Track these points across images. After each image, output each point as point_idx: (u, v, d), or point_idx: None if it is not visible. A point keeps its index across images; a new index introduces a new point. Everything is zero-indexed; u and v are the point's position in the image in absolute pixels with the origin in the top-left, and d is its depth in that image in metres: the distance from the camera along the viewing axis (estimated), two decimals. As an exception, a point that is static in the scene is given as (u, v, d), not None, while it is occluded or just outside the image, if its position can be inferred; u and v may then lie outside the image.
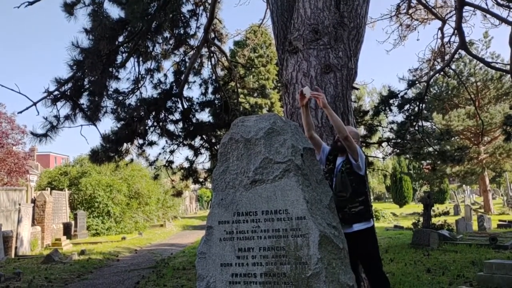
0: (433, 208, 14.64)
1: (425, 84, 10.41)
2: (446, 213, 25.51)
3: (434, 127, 12.67)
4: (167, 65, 9.19)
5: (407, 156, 9.82)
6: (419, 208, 22.30)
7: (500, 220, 18.89)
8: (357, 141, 3.75)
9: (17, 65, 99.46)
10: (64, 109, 6.89)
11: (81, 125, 7.24)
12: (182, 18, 8.48)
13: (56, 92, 6.59)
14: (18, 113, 6.43)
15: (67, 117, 6.88)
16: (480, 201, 32.77)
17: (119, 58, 7.54)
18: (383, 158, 11.52)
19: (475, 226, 17.03)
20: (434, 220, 14.61)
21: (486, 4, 12.58)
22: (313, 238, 2.38)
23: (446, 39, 10.61)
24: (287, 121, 2.70)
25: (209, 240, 2.62)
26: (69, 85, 6.77)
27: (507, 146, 22.72)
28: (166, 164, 10.00)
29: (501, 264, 6.92)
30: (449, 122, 23.86)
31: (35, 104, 6.19)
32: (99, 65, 6.31)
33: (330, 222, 2.55)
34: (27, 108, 6.16)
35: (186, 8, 8.55)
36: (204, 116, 17.28)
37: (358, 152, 3.58)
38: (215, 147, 9.41)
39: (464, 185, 40.92)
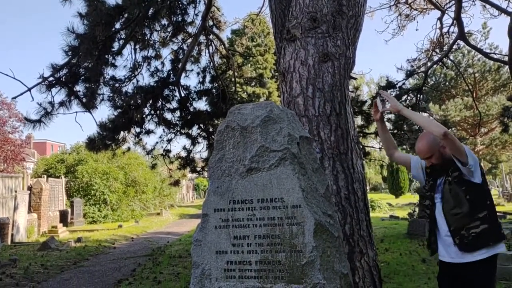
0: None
1: (423, 75, 10.40)
2: (442, 204, 25.44)
3: (431, 117, 12.66)
4: (165, 53, 9.11)
5: (404, 146, 9.82)
6: (415, 198, 22.43)
7: (495, 211, 18.98)
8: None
9: (12, 50, 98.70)
10: (59, 95, 6.86)
11: (76, 112, 7.21)
12: (180, 5, 8.38)
13: (51, 78, 6.53)
14: (13, 98, 6.39)
15: (62, 104, 6.84)
16: (475, 192, 32.91)
17: (116, 45, 7.47)
18: (380, 148, 11.53)
19: (470, 217, 17.11)
20: (429, 210, 14.67)
21: (486, -5, 12.50)
22: (308, 226, 2.38)
23: (445, 29, 10.57)
24: (284, 109, 2.68)
25: (204, 228, 2.62)
26: (64, 71, 6.71)
27: (503, 137, 22.79)
28: (164, 153, 9.98)
29: (495, 255, 6.96)
30: (446, 112, 23.89)
31: (29, 89, 6.14)
32: (95, 51, 6.25)
33: (325, 210, 2.54)
34: (21, 94, 6.12)
35: (184, -5, 8.47)
36: (202, 105, 17.17)
37: (467, 153, 2.79)
38: (213, 136, 9.38)
39: (460, 176, 41.09)
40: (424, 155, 2.99)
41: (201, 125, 9.62)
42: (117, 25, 6.95)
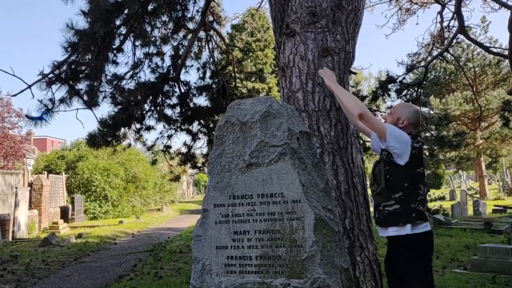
0: (429, 193, 14.71)
1: (424, 69, 10.38)
2: (442, 198, 25.64)
3: (431, 112, 12.66)
4: (165, 49, 9.09)
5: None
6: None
7: (495, 205, 19.03)
8: (409, 124, 3.04)
9: (11, 47, 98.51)
10: (59, 92, 6.84)
11: (77, 109, 7.18)
12: (180, 0, 8.36)
13: (51, 75, 6.52)
14: (13, 96, 6.40)
15: (62, 101, 6.82)
16: (476, 187, 32.97)
17: (117, 42, 7.46)
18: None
19: (470, 211, 17.16)
20: (430, 205, 14.69)
21: (486, -12, 12.45)
22: (309, 221, 2.39)
23: (445, 24, 10.54)
24: (283, 104, 2.68)
25: (204, 223, 2.63)
26: (64, 67, 6.70)
27: (502, 131, 22.77)
28: (164, 149, 9.99)
29: (495, 248, 7.00)
30: (446, 106, 23.86)
31: (30, 87, 6.13)
32: (94, 47, 6.24)
33: (325, 205, 2.55)
34: (22, 91, 6.11)
35: (183, -10, 8.44)
36: (202, 100, 17.21)
37: (389, 132, 2.85)
38: (213, 132, 9.38)
39: (460, 171, 41.12)
40: None
41: (202, 121, 9.62)
42: (117, 22, 6.94)
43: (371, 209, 3.36)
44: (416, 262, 2.86)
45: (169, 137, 9.71)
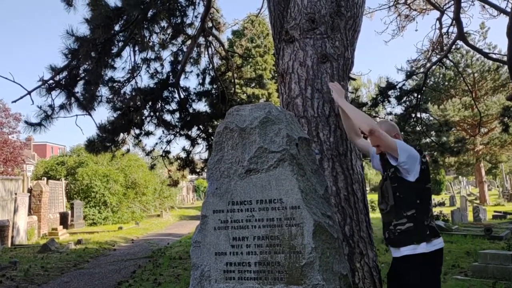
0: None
1: (423, 76, 10.40)
2: (442, 204, 25.62)
3: (431, 118, 12.66)
4: (164, 54, 9.12)
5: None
6: (415, 199, 22.43)
7: (495, 211, 19.01)
8: (397, 135, 3.05)
9: (11, 54, 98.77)
10: (59, 98, 6.85)
11: (76, 115, 7.18)
12: (179, 6, 8.39)
13: (51, 81, 6.53)
14: (13, 102, 6.39)
15: (62, 107, 6.83)
16: (476, 192, 32.94)
17: (115, 48, 7.48)
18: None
19: (470, 217, 17.14)
20: (430, 211, 14.65)
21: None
22: (308, 227, 2.38)
23: (444, 30, 10.57)
24: (282, 110, 2.69)
25: (203, 229, 2.62)
26: (64, 74, 6.71)
27: (502, 137, 22.80)
28: (163, 154, 9.98)
29: (495, 255, 6.99)
30: (444, 112, 23.91)
31: (29, 93, 6.13)
32: (95, 54, 6.25)
33: (324, 211, 2.54)
34: (21, 97, 6.11)
35: (182, -3, 8.47)
36: (201, 106, 17.25)
37: (399, 148, 2.76)
38: (212, 138, 9.38)
39: (460, 176, 41.09)
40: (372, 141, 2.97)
41: (201, 126, 9.62)
42: (116, 27, 6.96)
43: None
44: (430, 279, 2.79)
45: (168, 142, 9.71)
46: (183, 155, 10.15)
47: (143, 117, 8.83)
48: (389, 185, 2.84)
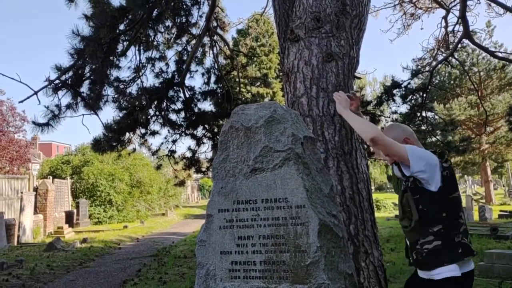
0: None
1: (429, 74, 10.35)
2: (448, 203, 25.33)
3: (436, 117, 12.60)
4: (169, 54, 9.15)
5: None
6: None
7: (501, 211, 18.91)
8: (408, 138, 2.67)
9: (17, 53, 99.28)
10: (65, 98, 6.89)
11: (83, 115, 7.23)
12: (184, 6, 8.40)
13: (57, 81, 6.56)
14: (20, 102, 6.43)
15: (68, 106, 6.87)
16: (481, 192, 32.77)
17: (120, 47, 7.50)
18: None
19: (476, 216, 17.06)
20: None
21: (491, -7, 12.44)
22: (313, 226, 2.38)
23: (450, 28, 10.52)
24: (287, 109, 2.68)
25: (209, 228, 2.62)
26: (70, 73, 6.74)
27: (508, 136, 22.67)
28: (169, 154, 10.01)
29: (501, 254, 6.95)
30: (450, 111, 23.81)
31: (36, 93, 6.17)
32: (100, 53, 6.28)
33: (330, 210, 2.54)
34: (28, 97, 6.15)
35: (187, -4, 8.48)
36: (206, 105, 17.27)
37: (410, 155, 2.42)
38: (218, 137, 9.38)
39: (465, 176, 40.91)
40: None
41: (206, 126, 9.63)
42: (121, 27, 6.98)
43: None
44: None
45: (174, 141, 9.74)
46: (188, 154, 10.19)
47: (149, 117, 8.86)
48: (410, 198, 2.47)
